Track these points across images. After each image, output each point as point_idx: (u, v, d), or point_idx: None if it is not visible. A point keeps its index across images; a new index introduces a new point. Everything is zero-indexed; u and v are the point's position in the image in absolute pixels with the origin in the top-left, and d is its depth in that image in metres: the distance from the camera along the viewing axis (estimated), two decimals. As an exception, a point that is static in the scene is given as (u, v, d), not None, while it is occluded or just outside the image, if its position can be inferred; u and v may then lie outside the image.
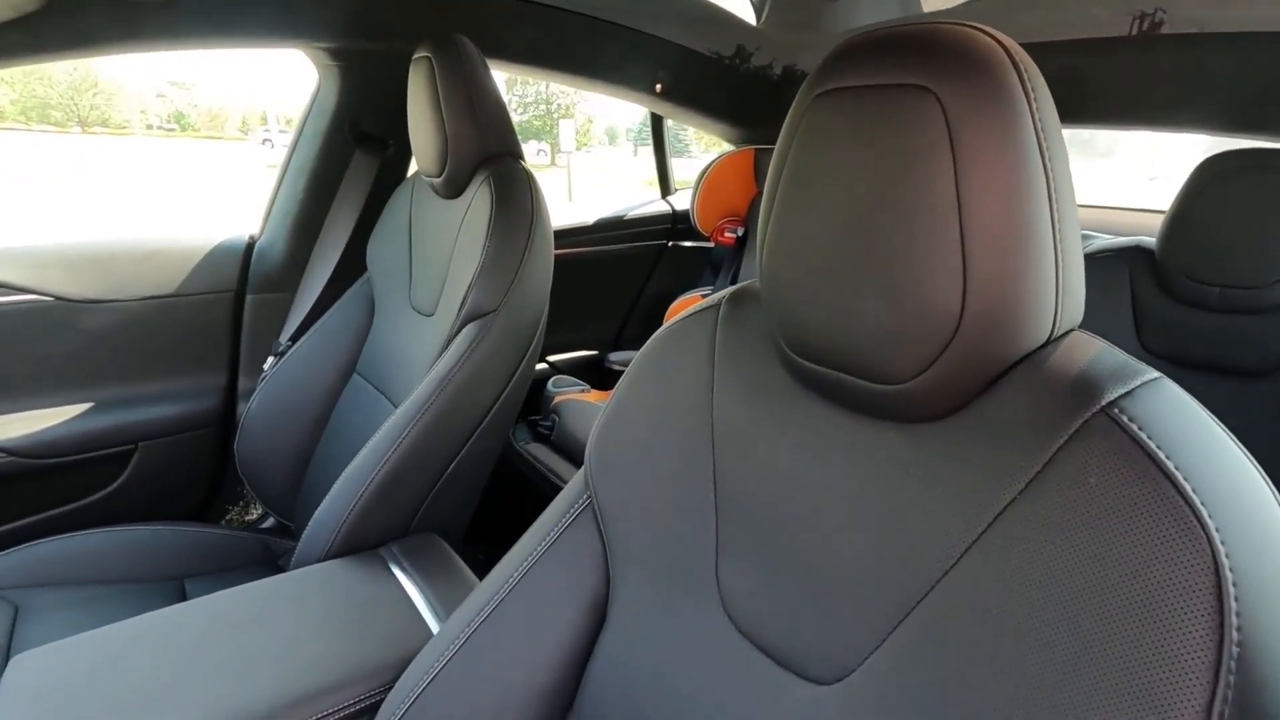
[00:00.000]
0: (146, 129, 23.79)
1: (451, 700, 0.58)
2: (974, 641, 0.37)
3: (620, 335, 1.91)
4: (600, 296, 1.83)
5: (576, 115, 22.25)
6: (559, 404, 1.51)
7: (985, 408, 0.40)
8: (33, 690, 0.58)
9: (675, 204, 1.89)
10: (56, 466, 1.13)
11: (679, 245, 1.89)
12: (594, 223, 1.74)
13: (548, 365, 1.75)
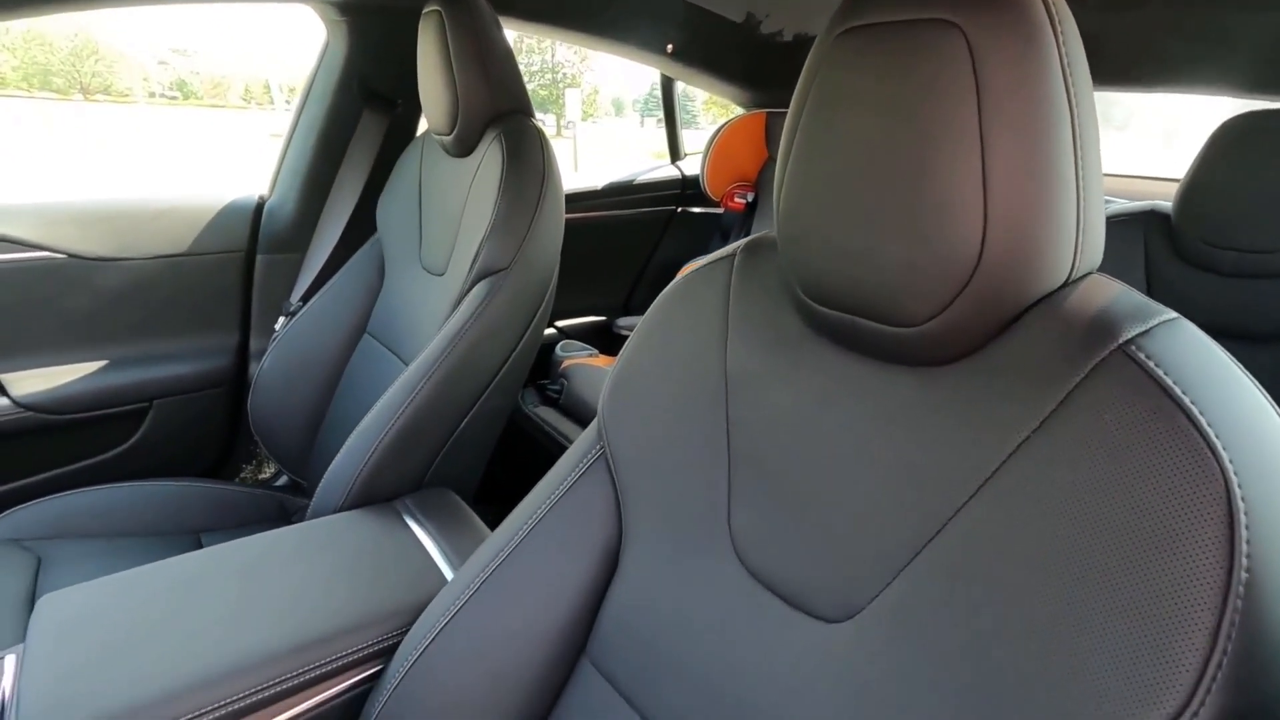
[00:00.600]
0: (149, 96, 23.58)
1: (467, 641, 0.59)
2: (985, 576, 0.37)
3: (629, 301, 1.91)
4: (609, 262, 1.82)
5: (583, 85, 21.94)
6: (567, 368, 1.52)
7: (1000, 350, 0.40)
8: (61, 626, 0.60)
9: (685, 169, 1.87)
10: (74, 422, 1.15)
11: (688, 211, 1.88)
12: (603, 187, 1.73)
13: (556, 330, 1.75)
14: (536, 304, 0.95)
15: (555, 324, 1.76)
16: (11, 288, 1.10)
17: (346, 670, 0.63)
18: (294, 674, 0.60)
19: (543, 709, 0.59)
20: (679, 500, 0.55)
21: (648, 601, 0.55)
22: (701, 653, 0.51)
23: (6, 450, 1.11)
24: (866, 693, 0.41)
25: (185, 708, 0.55)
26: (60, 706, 0.53)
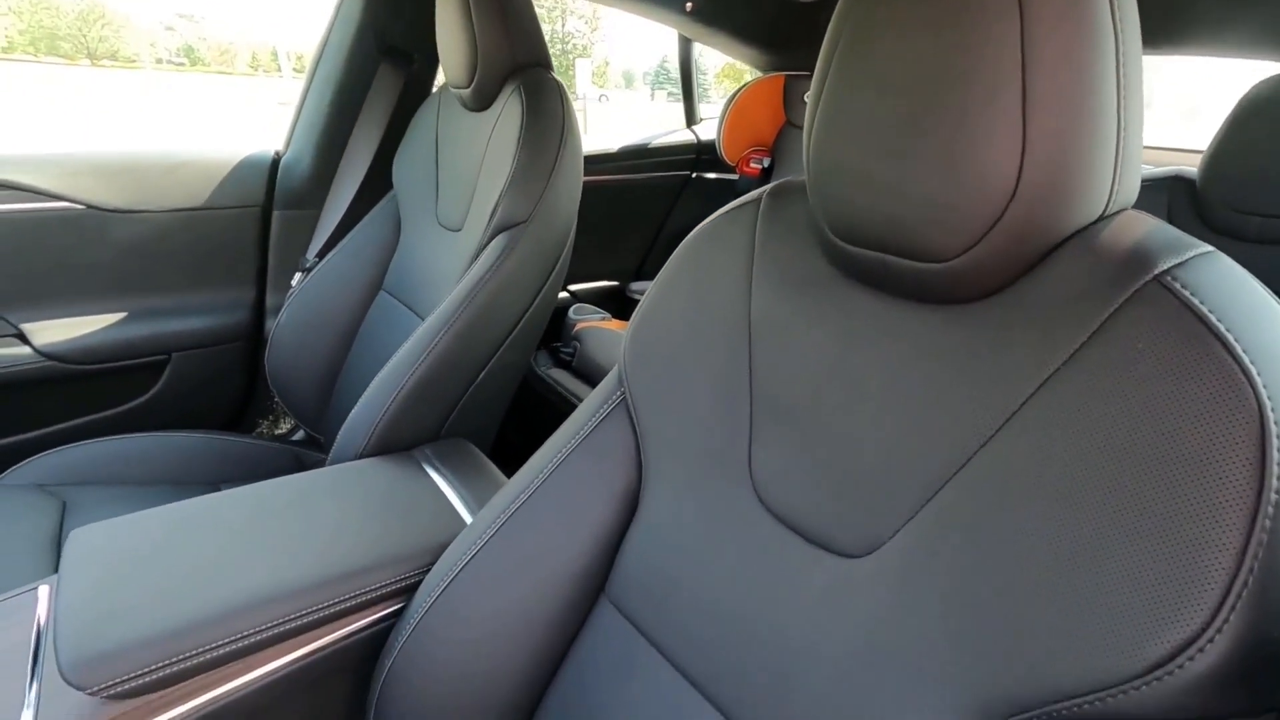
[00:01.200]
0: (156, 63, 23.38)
1: (488, 580, 0.60)
2: (1010, 506, 0.38)
3: (641, 267, 1.90)
4: (622, 227, 1.82)
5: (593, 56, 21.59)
6: (580, 331, 1.52)
7: (1031, 285, 0.40)
8: (94, 557, 0.61)
9: (700, 134, 1.85)
10: (96, 372, 1.16)
11: (703, 177, 1.87)
12: (618, 150, 1.72)
13: (569, 294, 1.75)
14: (555, 257, 0.95)
15: (568, 288, 1.76)
16: (32, 237, 1.11)
17: (369, 606, 0.65)
18: (318, 607, 0.61)
19: (562, 646, 0.60)
20: (700, 443, 0.56)
21: (667, 542, 0.56)
22: (720, 590, 0.51)
23: (30, 398, 1.13)
24: (887, 625, 0.42)
25: (219, 634, 0.56)
26: (97, 630, 0.54)
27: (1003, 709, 0.36)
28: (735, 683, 0.49)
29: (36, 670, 0.55)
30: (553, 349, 1.57)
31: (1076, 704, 0.34)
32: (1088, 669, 0.33)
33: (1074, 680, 0.34)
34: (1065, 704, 0.34)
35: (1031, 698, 0.35)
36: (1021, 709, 0.36)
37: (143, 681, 0.53)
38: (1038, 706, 0.35)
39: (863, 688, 0.42)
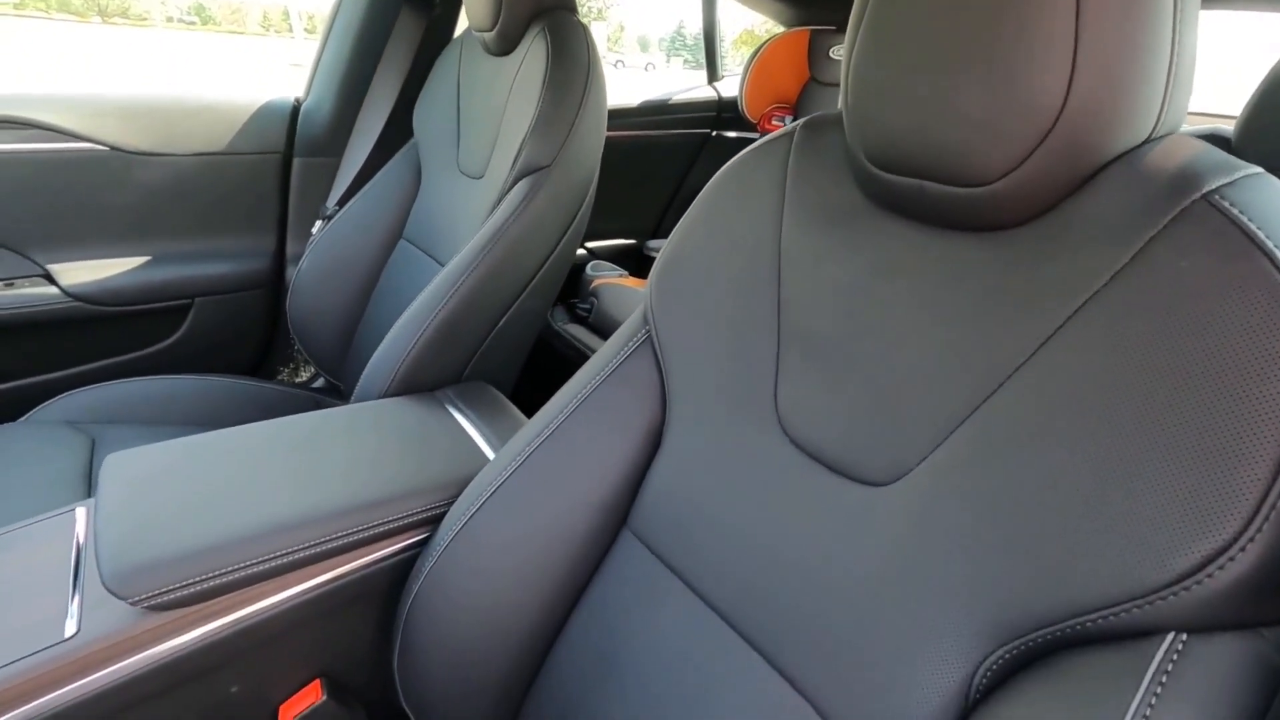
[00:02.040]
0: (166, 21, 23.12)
1: (511, 512, 0.61)
2: (1042, 429, 0.38)
3: (659, 226, 1.89)
4: (640, 184, 1.80)
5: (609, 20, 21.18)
6: (597, 287, 1.52)
7: (1073, 207, 0.40)
8: (129, 480, 0.63)
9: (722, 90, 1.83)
10: (120, 315, 1.17)
11: (723, 135, 1.84)
12: (638, 105, 1.69)
13: (586, 251, 1.75)
14: (577, 204, 0.95)
15: (586, 245, 1.75)
16: (57, 178, 1.11)
17: (396, 534, 0.66)
18: (348, 532, 0.62)
19: (585, 577, 0.61)
20: (725, 378, 0.56)
21: (690, 476, 0.57)
22: (743, 521, 0.52)
23: (57, 338, 1.15)
24: (910, 550, 0.43)
25: (255, 552, 0.58)
26: (137, 544, 0.56)
27: (1027, 625, 0.37)
28: (757, 609, 0.50)
29: (77, 583, 0.57)
30: (570, 305, 1.57)
31: (1101, 615, 0.34)
32: (1114, 582, 0.34)
33: (1099, 594, 0.34)
34: (1089, 617, 0.35)
35: (1056, 613, 0.36)
36: (1046, 624, 0.36)
37: (182, 594, 0.55)
38: (1061, 621, 0.36)
39: (885, 611, 0.43)
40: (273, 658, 0.62)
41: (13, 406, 1.05)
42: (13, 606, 0.55)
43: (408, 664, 0.62)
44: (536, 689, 0.61)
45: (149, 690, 0.56)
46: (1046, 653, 0.37)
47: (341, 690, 0.67)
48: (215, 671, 0.59)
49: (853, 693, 0.43)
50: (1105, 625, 0.34)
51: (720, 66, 1.87)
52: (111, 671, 0.53)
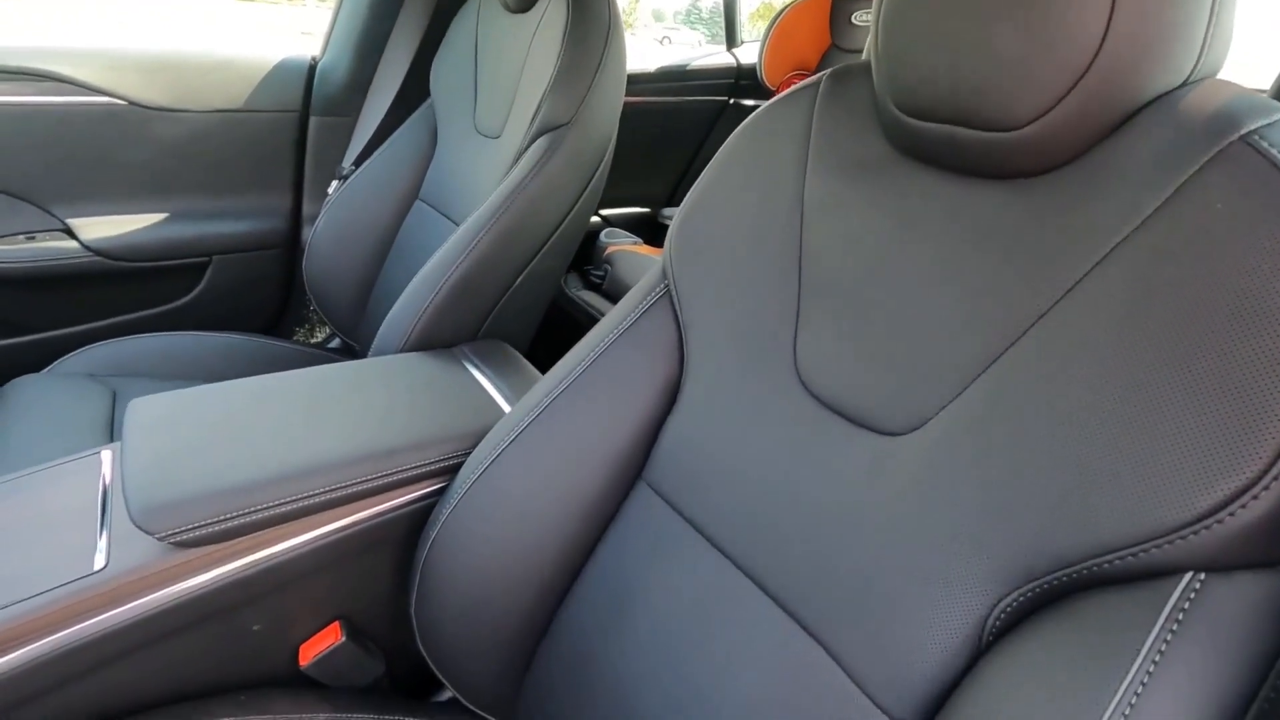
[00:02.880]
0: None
1: (527, 463, 0.62)
2: (1068, 375, 0.38)
3: (674, 194, 1.88)
4: (656, 152, 1.78)
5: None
6: (611, 254, 1.51)
7: (1105, 152, 0.39)
8: (153, 424, 0.64)
9: (741, 57, 1.80)
10: (140, 271, 1.18)
11: (740, 104, 1.82)
12: (655, 70, 1.67)
13: (600, 219, 1.74)
14: (596, 163, 0.94)
15: (600, 212, 1.74)
16: (77, 132, 1.12)
17: (414, 482, 0.67)
18: (368, 478, 0.63)
19: (600, 528, 0.62)
20: (743, 330, 0.56)
21: (706, 427, 0.57)
22: (760, 471, 0.53)
23: (78, 292, 1.16)
24: (928, 498, 0.43)
25: (278, 494, 0.59)
26: (164, 482, 0.57)
27: (1044, 566, 0.37)
28: (770, 556, 0.50)
29: (105, 520, 0.59)
30: (584, 272, 1.57)
31: (1119, 556, 0.34)
32: (1134, 522, 0.34)
33: (1119, 534, 0.34)
34: (1107, 557, 0.35)
35: (1073, 554, 0.36)
36: (1063, 565, 0.36)
37: (206, 532, 0.56)
38: (1079, 562, 0.36)
39: (899, 557, 0.43)
40: (293, 598, 0.64)
41: (36, 358, 1.07)
42: (43, 541, 0.56)
43: (424, 610, 0.64)
44: (551, 635, 0.62)
45: (175, 624, 0.57)
46: (1062, 595, 0.37)
47: (360, 633, 0.69)
48: (238, 609, 0.61)
49: (865, 636, 0.44)
50: (1123, 566, 0.34)
51: (739, 33, 1.84)
52: (139, 604, 0.55)
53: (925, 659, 0.41)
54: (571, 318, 1.47)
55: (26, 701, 0.53)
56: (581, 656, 0.59)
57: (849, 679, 0.44)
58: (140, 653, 0.57)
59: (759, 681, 0.47)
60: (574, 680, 0.59)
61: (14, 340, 1.14)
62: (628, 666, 0.55)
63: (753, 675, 0.48)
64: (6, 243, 1.10)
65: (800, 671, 0.46)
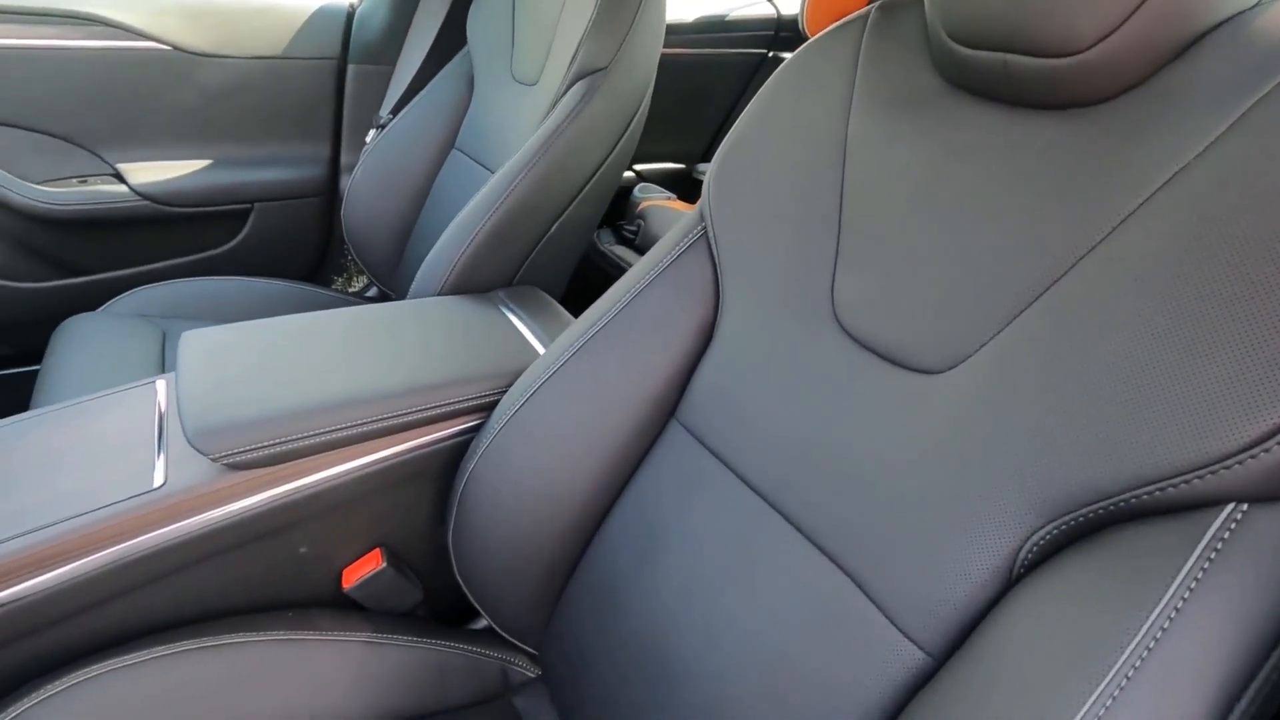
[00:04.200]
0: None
1: (561, 401, 0.63)
2: (1116, 306, 0.37)
3: (709, 150, 1.85)
4: (691, 106, 1.75)
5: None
6: (645, 209, 1.50)
7: (1169, 78, 0.38)
8: (204, 355, 0.67)
9: (781, 8, 1.74)
10: (186, 216, 1.21)
11: (779, 56, 1.77)
12: (691, 21, 1.63)
13: (634, 174, 1.73)
14: (633, 109, 0.93)
15: (633, 167, 1.72)
16: (124, 78, 1.14)
17: (450, 418, 0.69)
18: (409, 411, 0.65)
19: (632, 464, 0.63)
20: (781, 270, 0.56)
21: (740, 368, 0.57)
22: (794, 409, 0.53)
23: (127, 236, 1.20)
24: (963, 434, 0.43)
25: (325, 422, 0.61)
26: (218, 407, 0.60)
27: (1081, 498, 0.37)
28: (802, 492, 0.51)
29: (162, 442, 0.62)
30: (616, 227, 1.56)
31: (1159, 487, 0.34)
32: (1179, 451, 0.34)
33: (1161, 465, 0.34)
34: (1147, 489, 0.35)
35: (1113, 485, 0.36)
36: (1101, 497, 0.36)
37: (258, 455, 0.59)
38: (1118, 494, 0.36)
39: (933, 492, 0.43)
40: (338, 524, 0.66)
41: (90, 299, 1.11)
42: (104, 460, 0.60)
43: (461, 540, 0.66)
44: (582, 568, 0.64)
45: (227, 543, 0.60)
46: (1097, 528, 0.37)
47: (399, 561, 0.71)
48: (286, 531, 0.63)
49: (896, 568, 0.44)
50: (1163, 497, 0.34)
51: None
52: (195, 522, 0.58)
53: (955, 590, 0.41)
54: (604, 272, 1.48)
55: (91, 608, 0.57)
56: (611, 589, 0.61)
57: (878, 609, 0.44)
58: (195, 568, 0.60)
59: (786, 613, 0.49)
60: (603, 611, 0.61)
61: (69, 281, 1.18)
62: (656, 599, 0.56)
63: (780, 607, 0.49)
64: (60, 185, 1.14)
65: (828, 602, 0.47)
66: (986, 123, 0.45)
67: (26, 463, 0.59)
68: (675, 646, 0.54)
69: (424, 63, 1.27)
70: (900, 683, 0.43)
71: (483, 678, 0.69)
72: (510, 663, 0.70)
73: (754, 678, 0.48)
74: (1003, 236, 0.43)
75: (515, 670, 0.70)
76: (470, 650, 0.69)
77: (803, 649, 0.47)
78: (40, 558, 0.53)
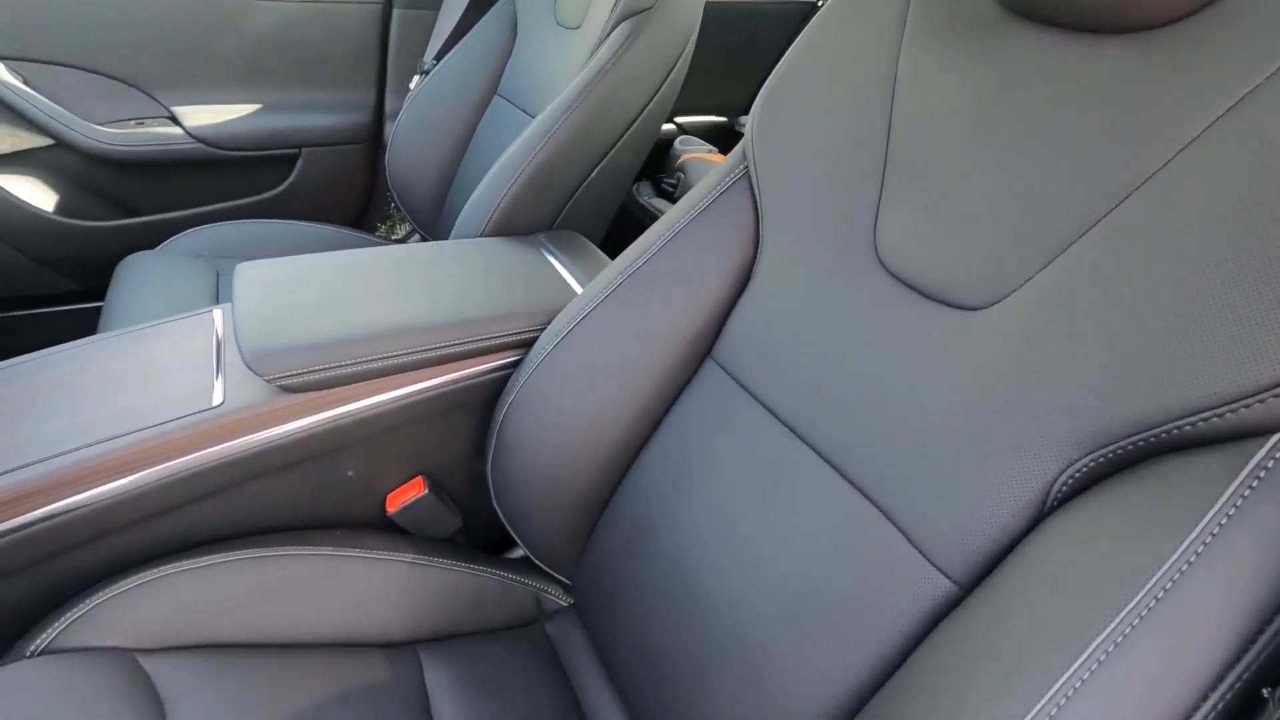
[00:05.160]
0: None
1: (601, 337, 0.64)
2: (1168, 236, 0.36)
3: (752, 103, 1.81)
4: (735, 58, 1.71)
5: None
6: (685, 162, 1.49)
7: None
8: (259, 285, 0.69)
9: (832, -47, 1.68)
10: (237, 160, 1.25)
11: (829, 5, 1.71)
12: (739, -33, 1.59)
13: (675, 126, 1.70)
14: (677, 53, 0.92)
15: (674, 119, 1.70)
16: (177, 21, 1.16)
17: (492, 352, 0.71)
18: (449, 344, 0.67)
19: (667, 400, 0.64)
20: (823, 210, 0.55)
21: (779, 307, 0.57)
22: (830, 348, 0.53)
23: (182, 177, 1.24)
24: (1004, 368, 0.43)
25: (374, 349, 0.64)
26: (273, 333, 0.62)
27: (1123, 430, 0.37)
28: (835, 428, 0.51)
29: (220, 365, 0.65)
30: (656, 180, 1.55)
31: (1204, 417, 0.34)
32: (1227, 379, 0.33)
33: (1208, 394, 0.34)
34: (1191, 419, 0.34)
35: (1156, 416, 0.36)
36: (1143, 428, 0.36)
37: (311, 379, 0.61)
38: (1160, 424, 0.35)
39: (969, 427, 0.43)
40: (383, 450, 0.69)
41: (149, 238, 1.16)
42: (167, 380, 0.63)
43: (499, 470, 0.68)
44: (615, 500, 0.66)
45: (281, 462, 0.63)
46: (1134, 461, 0.37)
47: (441, 488, 0.74)
48: (334, 454, 0.66)
49: (926, 500, 0.45)
50: (1207, 428, 0.34)
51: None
52: (251, 440, 0.61)
53: (987, 522, 0.42)
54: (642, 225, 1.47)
55: (155, 516, 0.60)
56: (643, 520, 0.62)
57: (907, 540, 0.45)
58: (251, 485, 0.64)
59: (815, 542, 0.49)
60: (634, 542, 0.62)
61: (128, 221, 1.23)
62: (687, 530, 0.58)
63: (809, 536, 0.50)
64: (119, 127, 1.17)
65: (856, 533, 0.48)
66: (1045, 48, 0.44)
67: (96, 382, 0.62)
68: (704, 575, 0.55)
69: (468, 8, 1.27)
70: (927, 610, 0.43)
71: (517, 604, 0.72)
72: (544, 591, 0.73)
73: (781, 604, 0.50)
74: (1056, 168, 0.42)
75: (548, 598, 0.73)
76: (506, 577, 0.72)
77: (830, 576, 0.48)
78: (109, 466, 0.56)
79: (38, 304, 1.23)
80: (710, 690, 0.52)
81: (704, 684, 0.53)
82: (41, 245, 1.16)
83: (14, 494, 0.54)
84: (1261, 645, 0.30)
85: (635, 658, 0.59)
